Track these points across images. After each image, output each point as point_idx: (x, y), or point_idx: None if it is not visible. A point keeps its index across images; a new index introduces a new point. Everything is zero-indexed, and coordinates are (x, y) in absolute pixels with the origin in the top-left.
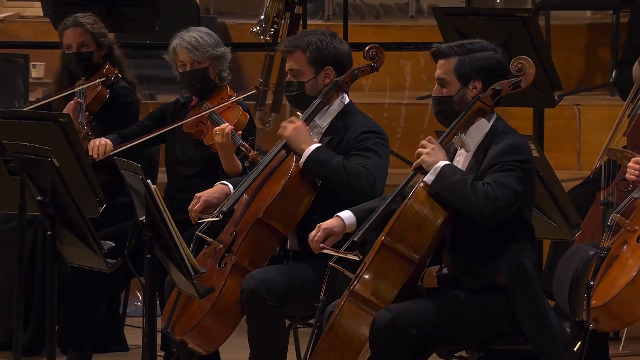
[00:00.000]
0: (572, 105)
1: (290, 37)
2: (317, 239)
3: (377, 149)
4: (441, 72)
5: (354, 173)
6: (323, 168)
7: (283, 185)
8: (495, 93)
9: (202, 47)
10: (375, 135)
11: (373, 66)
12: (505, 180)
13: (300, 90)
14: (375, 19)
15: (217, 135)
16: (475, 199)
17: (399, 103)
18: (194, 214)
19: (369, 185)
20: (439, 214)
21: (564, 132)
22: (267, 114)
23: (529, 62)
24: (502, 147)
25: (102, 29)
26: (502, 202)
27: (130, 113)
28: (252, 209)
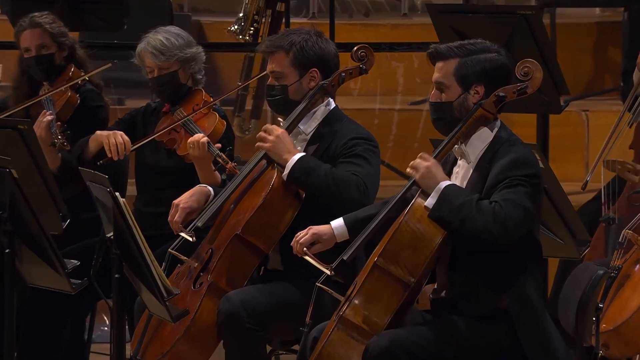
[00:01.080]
0: (579, 111)
1: (271, 37)
2: (303, 241)
3: (368, 155)
4: (440, 75)
5: (344, 181)
6: (310, 177)
7: (264, 198)
8: (499, 100)
9: (168, 51)
10: (365, 141)
11: (362, 68)
12: (514, 197)
13: (283, 95)
14: (365, 16)
15: (192, 147)
16: (483, 220)
17: (390, 109)
18: (175, 225)
19: (359, 193)
20: (438, 233)
21: (570, 140)
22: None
23: (536, 66)
24: (508, 161)
25: (62, 28)
26: (513, 221)
27: (99, 118)
28: (229, 224)
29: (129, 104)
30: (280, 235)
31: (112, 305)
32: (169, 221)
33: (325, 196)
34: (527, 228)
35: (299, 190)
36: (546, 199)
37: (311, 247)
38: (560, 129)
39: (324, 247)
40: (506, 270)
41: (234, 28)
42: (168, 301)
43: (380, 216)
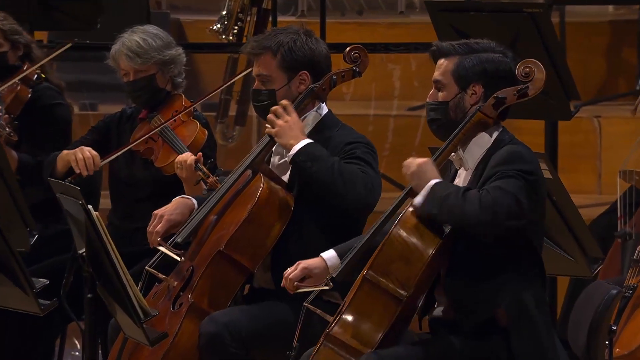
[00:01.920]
0: (591, 117)
1: (257, 37)
2: (292, 276)
3: (369, 159)
4: (439, 73)
5: (351, 175)
6: (315, 164)
7: (249, 211)
8: (498, 102)
9: (145, 53)
10: (363, 145)
11: (355, 71)
12: (504, 185)
13: (270, 100)
14: (358, 15)
15: (179, 168)
16: (469, 208)
17: (386, 114)
18: (155, 236)
19: (366, 192)
20: (431, 243)
21: (581, 149)
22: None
23: (537, 66)
24: (502, 154)
25: (15, 26)
26: (501, 207)
27: (57, 117)
28: (212, 240)
29: (102, 109)
30: (267, 251)
31: (84, 328)
32: (148, 232)
33: (329, 190)
34: (519, 222)
35: (288, 202)
36: (555, 212)
37: (302, 282)
38: (570, 136)
39: (316, 282)
40: (503, 281)
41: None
42: (145, 323)
43: (373, 229)
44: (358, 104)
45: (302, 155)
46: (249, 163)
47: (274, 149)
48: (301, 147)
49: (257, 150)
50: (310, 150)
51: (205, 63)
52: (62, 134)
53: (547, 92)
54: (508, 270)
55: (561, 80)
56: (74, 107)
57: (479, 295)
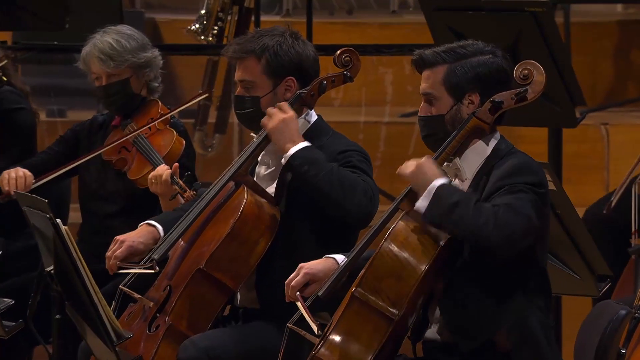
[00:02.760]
0: (598, 124)
1: (239, 39)
2: (295, 283)
3: (365, 168)
4: (427, 85)
5: (351, 182)
6: (312, 168)
7: (232, 226)
8: (495, 107)
9: (119, 55)
10: (358, 153)
11: (346, 75)
12: (517, 203)
13: (254, 107)
14: (348, 14)
15: (154, 183)
16: (482, 222)
17: (377, 122)
18: (113, 260)
19: (367, 200)
20: (424, 258)
21: (588, 159)
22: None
23: (536, 68)
24: (507, 167)
25: None
26: (514, 228)
27: (19, 122)
28: (191, 257)
29: (71, 116)
30: (250, 269)
31: (52, 352)
32: (107, 256)
33: (327, 196)
34: (528, 242)
35: (274, 216)
36: (559, 227)
37: (305, 289)
38: (576, 145)
39: None
40: (505, 300)
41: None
42: (118, 346)
43: (362, 242)
44: (347, 110)
45: (298, 159)
46: (232, 174)
47: (260, 158)
48: (298, 149)
49: (241, 160)
50: (308, 153)
51: (182, 66)
52: (25, 140)
53: (550, 98)
54: (511, 288)
55: (566, 85)
56: (40, 113)
57: (479, 316)
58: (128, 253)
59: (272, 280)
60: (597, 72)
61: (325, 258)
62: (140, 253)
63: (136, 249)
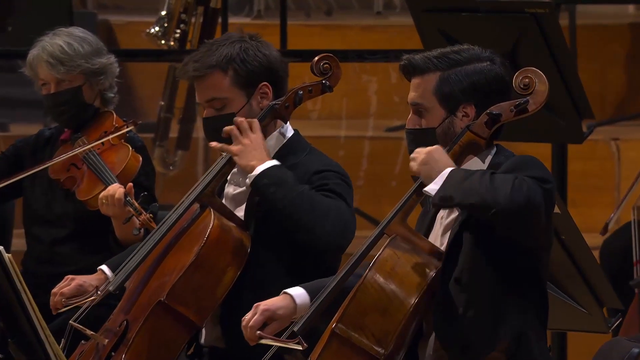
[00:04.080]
0: (607, 140)
1: (193, 56)
2: (253, 323)
3: (343, 192)
4: (417, 94)
5: (323, 207)
6: (280, 189)
7: (196, 253)
8: (492, 120)
9: (70, 60)
10: (335, 174)
11: (325, 85)
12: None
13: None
14: (327, 16)
15: (105, 204)
16: (499, 185)
17: (360, 136)
18: (58, 297)
19: (338, 230)
20: (413, 290)
21: (596, 178)
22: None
23: (538, 76)
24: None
25: None
26: (532, 194)
27: None
28: (150, 288)
29: (14, 130)
30: (217, 302)
31: None
32: (52, 292)
33: (294, 222)
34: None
35: (243, 242)
36: (564, 254)
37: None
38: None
39: (282, 325)
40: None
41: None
42: None
43: (343, 272)
44: (326, 123)
45: (266, 178)
46: (197, 195)
47: (229, 177)
48: (265, 168)
49: (207, 179)
50: (276, 173)
51: (141, 74)
52: None
53: (554, 110)
54: (509, 303)
55: (571, 95)
56: None
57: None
58: (77, 292)
59: (239, 315)
60: (606, 80)
61: (284, 294)
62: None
63: (86, 290)
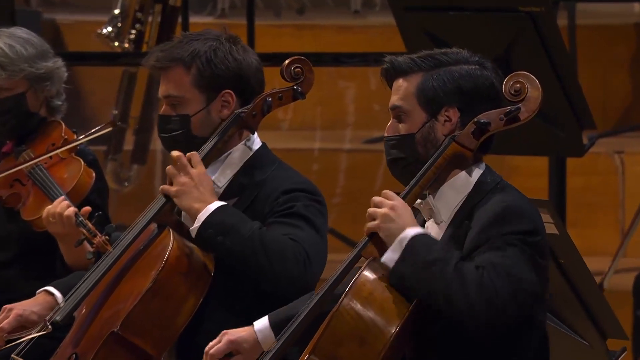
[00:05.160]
0: (611, 152)
1: (164, 45)
2: (215, 351)
3: (311, 215)
4: (397, 97)
5: (277, 247)
6: (228, 237)
7: (154, 278)
8: (480, 129)
9: (12, 64)
10: (305, 195)
11: (297, 91)
12: (505, 262)
13: (183, 129)
14: (299, 15)
15: (52, 222)
16: (463, 290)
17: (336, 149)
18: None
19: (299, 268)
20: (394, 318)
21: (598, 195)
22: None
23: (530, 81)
24: (493, 213)
25: None
26: (503, 298)
27: None
28: (103, 318)
29: None
30: (177, 332)
31: None
32: None
33: (250, 267)
34: (524, 310)
35: (206, 266)
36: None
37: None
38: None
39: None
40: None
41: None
42: None
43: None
44: (298, 134)
45: (210, 228)
46: (154, 214)
47: None
48: (207, 216)
49: None
50: (221, 219)
51: (92, 79)
52: None
53: (551, 119)
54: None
55: (571, 103)
56: None
57: None
58: (17, 324)
59: (202, 346)
60: (609, 87)
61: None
62: (33, 324)
63: (27, 319)
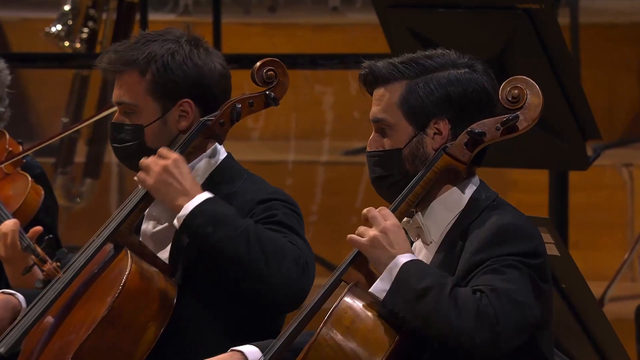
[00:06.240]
0: (618, 165)
1: (118, 45)
2: None
3: (293, 224)
4: (379, 108)
5: (276, 245)
6: (219, 228)
7: (110, 306)
8: (473, 140)
9: None
10: (284, 204)
11: (269, 96)
12: (505, 286)
13: (136, 140)
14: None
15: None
16: (460, 316)
17: (312, 161)
18: None
19: (298, 270)
20: (378, 350)
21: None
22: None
23: (530, 86)
24: (490, 231)
25: None
26: (506, 322)
27: None
28: (53, 350)
29: None
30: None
31: None
32: None
33: (241, 267)
34: (525, 336)
35: (168, 291)
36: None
37: None
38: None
39: None
40: None
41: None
42: None
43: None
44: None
45: (200, 217)
46: (110, 234)
47: (147, 212)
48: (197, 205)
49: (122, 214)
50: (211, 208)
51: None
52: None
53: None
54: None
55: (573, 111)
56: None
57: None
58: None
59: None
60: (616, 92)
61: (232, 352)
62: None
63: None
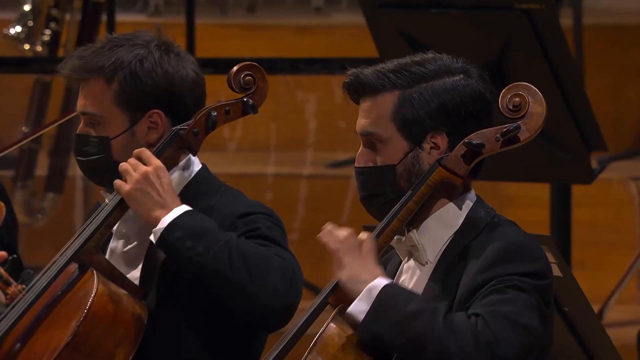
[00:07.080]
0: (625, 179)
1: (83, 50)
2: None
3: (277, 237)
4: (368, 122)
5: (261, 258)
6: (200, 242)
7: (74, 331)
8: (472, 152)
9: None
10: (266, 217)
11: (247, 104)
12: (507, 309)
13: (102, 153)
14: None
15: None
16: (456, 344)
17: (294, 174)
18: None
19: (285, 283)
20: None
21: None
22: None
23: (532, 93)
24: (493, 250)
25: None
26: (506, 348)
27: None
28: None
29: None
30: None
31: None
32: None
33: (225, 283)
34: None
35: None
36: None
37: None
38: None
39: None
40: None
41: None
42: None
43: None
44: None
45: (178, 230)
46: (74, 252)
47: (115, 228)
48: (175, 217)
49: (88, 232)
50: (190, 221)
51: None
52: None
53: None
54: None
55: (576, 120)
56: None
57: None
58: None
59: None
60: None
61: None
62: None
63: None
